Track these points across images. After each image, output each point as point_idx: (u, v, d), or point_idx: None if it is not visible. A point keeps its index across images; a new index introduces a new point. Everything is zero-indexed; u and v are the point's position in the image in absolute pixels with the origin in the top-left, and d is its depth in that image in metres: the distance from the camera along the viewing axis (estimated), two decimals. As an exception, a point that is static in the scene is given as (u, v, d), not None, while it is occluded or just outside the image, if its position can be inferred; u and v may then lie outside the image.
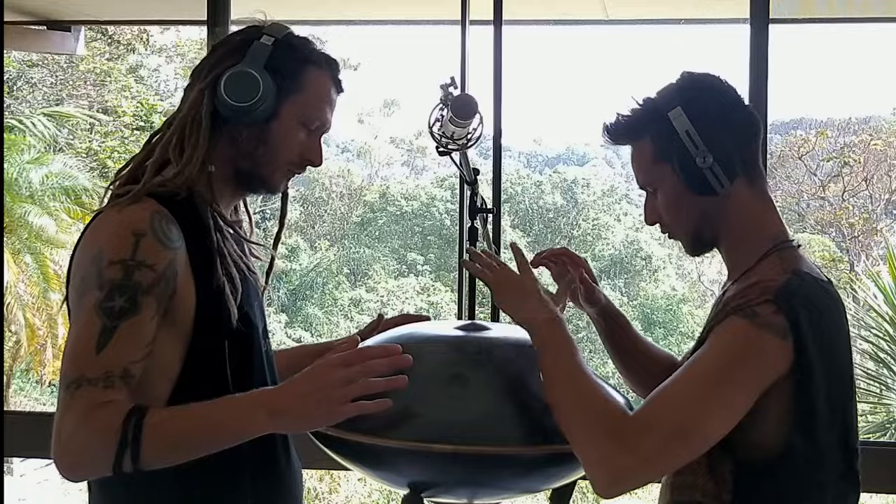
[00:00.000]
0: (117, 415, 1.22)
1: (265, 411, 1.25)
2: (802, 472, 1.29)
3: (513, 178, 19.38)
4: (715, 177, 1.34)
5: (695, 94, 1.37)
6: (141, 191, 1.34)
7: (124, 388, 1.25)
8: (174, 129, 1.40)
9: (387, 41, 33.26)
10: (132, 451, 1.21)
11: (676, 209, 1.40)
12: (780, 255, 1.36)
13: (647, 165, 1.40)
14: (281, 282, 17.06)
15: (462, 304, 2.45)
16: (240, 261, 1.42)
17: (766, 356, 1.24)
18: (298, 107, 1.40)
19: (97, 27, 14.37)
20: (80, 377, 1.23)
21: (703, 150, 1.33)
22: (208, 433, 1.26)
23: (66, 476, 1.26)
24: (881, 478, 2.38)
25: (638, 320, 16.79)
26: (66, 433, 1.23)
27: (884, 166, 16.66)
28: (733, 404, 1.23)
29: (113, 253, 1.27)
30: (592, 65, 34.52)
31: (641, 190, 1.46)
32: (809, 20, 5.16)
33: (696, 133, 1.33)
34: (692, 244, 1.44)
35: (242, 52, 1.38)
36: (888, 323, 7.53)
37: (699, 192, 1.36)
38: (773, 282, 1.28)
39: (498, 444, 1.28)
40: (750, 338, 1.24)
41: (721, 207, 1.37)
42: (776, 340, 1.23)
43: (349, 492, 10.36)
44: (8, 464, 10.53)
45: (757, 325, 1.24)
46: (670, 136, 1.35)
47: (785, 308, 1.25)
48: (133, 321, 1.26)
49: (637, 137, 1.41)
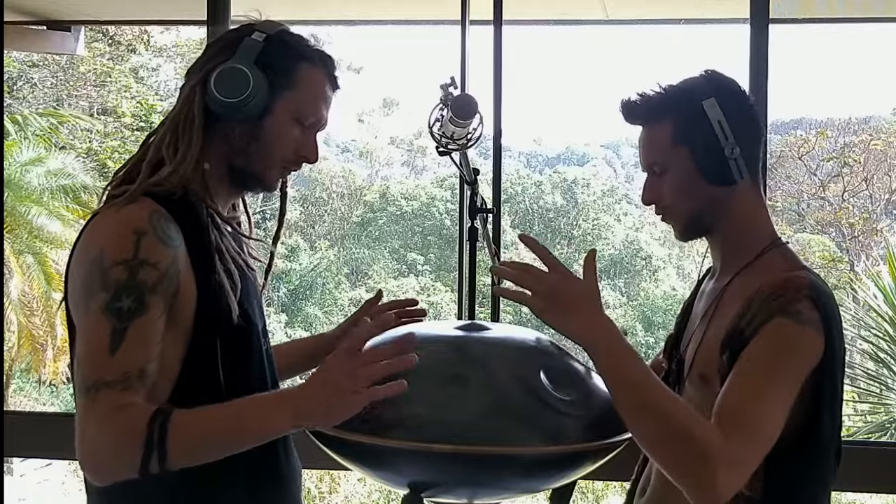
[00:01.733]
0: (140, 417, 1.22)
1: (288, 411, 1.25)
2: (824, 453, 1.38)
3: (513, 178, 19.39)
4: (738, 168, 1.39)
5: (729, 92, 1.42)
6: (137, 190, 1.33)
7: (142, 388, 1.25)
8: (167, 128, 1.39)
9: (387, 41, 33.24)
10: (159, 453, 1.21)
11: (685, 193, 1.43)
12: (780, 251, 1.43)
13: (662, 146, 1.43)
14: (281, 282, 17.07)
15: (462, 304, 2.44)
16: (238, 258, 1.42)
17: (810, 350, 1.31)
18: (292, 103, 1.40)
19: (97, 27, 14.37)
20: (98, 381, 1.23)
21: (731, 142, 1.38)
22: (233, 433, 1.26)
23: (94, 479, 1.27)
24: (881, 478, 2.37)
25: (638, 320, 16.80)
26: (89, 437, 1.23)
27: (884, 166, 16.67)
28: (786, 399, 1.29)
29: (115, 253, 1.27)
30: (592, 65, 34.55)
31: (644, 171, 1.49)
32: (809, 20, 5.16)
33: (727, 125, 1.38)
34: (686, 229, 1.48)
35: (233, 49, 1.38)
36: (888, 323, 7.53)
37: (712, 181, 1.41)
38: (801, 279, 1.35)
39: (498, 444, 1.28)
40: (799, 336, 1.30)
41: (726, 200, 1.42)
42: (815, 334, 1.31)
43: (349, 492, 10.36)
44: (8, 464, 10.52)
45: (801, 323, 1.30)
46: (699, 122, 1.39)
47: (819, 303, 1.32)
48: (142, 320, 1.26)
49: (658, 118, 1.44)
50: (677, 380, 1.51)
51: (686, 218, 1.46)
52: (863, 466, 1.45)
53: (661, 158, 1.44)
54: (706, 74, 1.45)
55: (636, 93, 1.46)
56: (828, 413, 1.35)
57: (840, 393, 1.38)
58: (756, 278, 1.38)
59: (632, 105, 1.46)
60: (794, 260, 1.43)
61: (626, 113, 1.47)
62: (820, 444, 1.37)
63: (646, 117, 1.46)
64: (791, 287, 1.33)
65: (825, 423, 1.35)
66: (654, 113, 1.44)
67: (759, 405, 1.27)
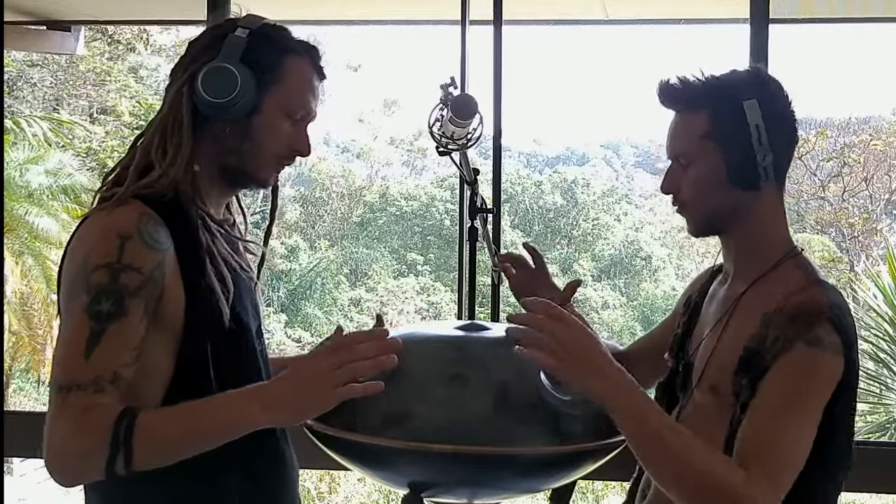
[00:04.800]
0: (107, 417, 1.22)
1: (257, 403, 1.25)
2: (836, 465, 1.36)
3: (513, 178, 19.38)
4: (765, 174, 1.36)
5: (771, 94, 1.39)
6: (125, 193, 1.32)
7: (115, 392, 1.24)
8: (155, 131, 1.37)
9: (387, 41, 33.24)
10: (124, 454, 1.21)
11: (706, 190, 1.40)
12: (796, 262, 1.40)
13: (693, 138, 1.40)
14: (281, 282, 17.06)
15: (462, 304, 2.44)
16: (231, 259, 1.41)
17: (831, 376, 1.30)
18: (280, 98, 1.38)
19: (97, 27, 14.36)
20: (70, 382, 1.23)
21: (766, 147, 1.35)
22: (201, 430, 1.26)
23: (60, 481, 1.26)
24: (881, 478, 2.37)
25: (638, 320, 16.80)
26: (57, 439, 1.23)
27: (884, 166, 16.67)
28: (812, 427, 1.28)
29: (99, 257, 1.26)
30: (592, 65, 34.55)
31: (669, 159, 1.45)
32: (809, 20, 5.15)
33: (764, 130, 1.35)
34: (700, 226, 1.45)
35: (217, 48, 1.36)
36: (888, 323, 7.53)
37: (736, 183, 1.38)
38: (818, 300, 1.32)
39: (498, 444, 1.28)
40: (820, 364, 1.29)
41: (748, 204, 1.39)
42: (836, 359, 1.29)
43: (349, 492, 10.35)
44: (8, 464, 10.52)
45: (822, 349, 1.28)
46: (737, 122, 1.36)
47: (839, 326, 1.30)
48: (120, 324, 1.25)
49: (695, 108, 1.40)
50: (684, 384, 1.50)
51: (702, 215, 1.43)
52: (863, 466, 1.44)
53: (690, 149, 1.40)
54: (752, 71, 1.42)
55: (676, 76, 1.41)
56: (843, 428, 1.35)
57: (855, 404, 1.37)
58: (773, 291, 1.35)
59: (671, 88, 1.41)
60: (810, 272, 1.39)
61: (664, 96, 1.42)
62: (834, 456, 1.35)
63: (683, 104, 1.41)
64: (811, 310, 1.30)
65: (841, 439, 1.34)
66: (693, 101, 1.40)
67: (783, 438, 1.26)
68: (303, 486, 2.50)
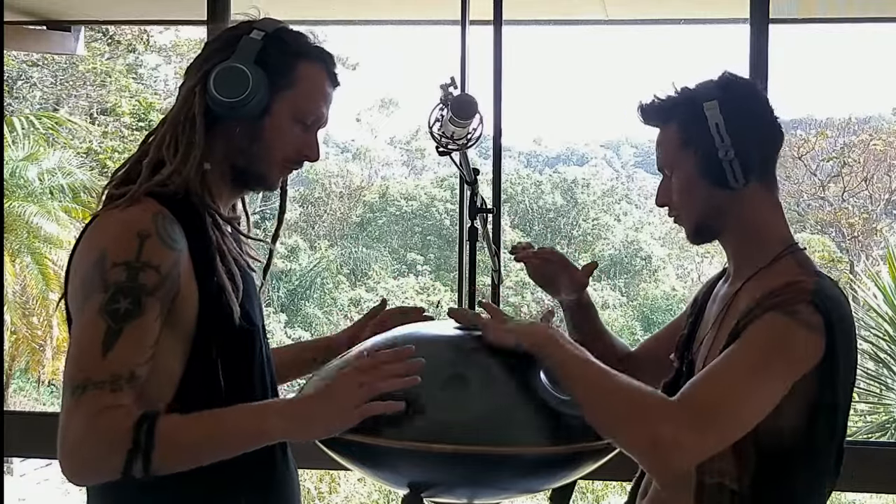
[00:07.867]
0: (126, 419, 1.21)
1: (279, 416, 1.26)
2: (817, 462, 1.37)
3: (513, 178, 19.38)
4: (732, 172, 1.39)
5: (733, 94, 1.42)
6: (139, 191, 1.32)
7: (131, 391, 1.24)
8: (167, 128, 1.38)
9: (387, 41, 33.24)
10: (144, 458, 1.21)
11: (688, 195, 1.45)
12: (795, 258, 1.43)
13: (671, 149, 1.46)
14: (281, 282, 17.06)
15: (462, 304, 2.45)
16: (240, 258, 1.41)
17: (803, 350, 1.30)
18: (292, 102, 1.38)
19: (97, 27, 14.36)
20: (85, 380, 1.22)
21: (726, 145, 1.38)
22: (221, 439, 1.26)
23: (74, 481, 1.26)
24: (881, 478, 2.37)
25: (638, 320, 16.79)
26: (73, 438, 1.22)
27: (884, 166, 16.67)
28: (768, 393, 1.29)
29: (117, 255, 1.26)
30: (592, 65, 34.54)
31: (659, 171, 1.50)
32: (809, 20, 5.16)
33: (724, 128, 1.38)
34: (695, 232, 1.49)
35: (232, 48, 1.36)
36: (888, 323, 7.53)
37: (713, 183, 1.41)
38: (806, 283, 1.34)
39: (498, 444, 1.28)
40: (790, 333, 1.30)
41: (733, 204, 1.42)
42: (813, 337, 1.30)
43: (349, 492, 10.34)
44: (8, 464, 10.52)
45: (797, 322, 1.30)
46: (700, 125, 1.40)
47: (822, 308, 1.31)
48: (137, 323, 1.25)
49: (666, 120, 1.46)
50: (686, 381, 1.51)
51: (693, 221, 1.47)
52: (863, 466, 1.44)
53: (671, 160, 1.46)
54: (719, 77, 1.45)
55: (653, 94, 1.47)
56: (824, 420, 1.34)
57: (843, 402, 1.37)
58: (767, 283, 1.37)
59: (647, 107, 1.48)
60: (808, 266, 1.41)
61: (643, 115, 1.49)
62: (813, 450, 1.36)
63: (658, 119, 1.47)
64: (793, 289, 1.33)
65: (820, 430, 1.34)
66: (663, 115, 1.46)
67: (731, 391, 1.27)
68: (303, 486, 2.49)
